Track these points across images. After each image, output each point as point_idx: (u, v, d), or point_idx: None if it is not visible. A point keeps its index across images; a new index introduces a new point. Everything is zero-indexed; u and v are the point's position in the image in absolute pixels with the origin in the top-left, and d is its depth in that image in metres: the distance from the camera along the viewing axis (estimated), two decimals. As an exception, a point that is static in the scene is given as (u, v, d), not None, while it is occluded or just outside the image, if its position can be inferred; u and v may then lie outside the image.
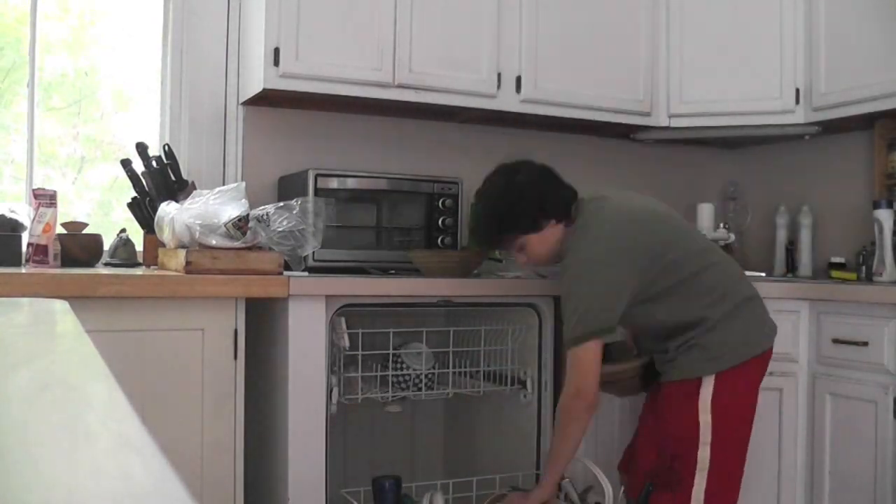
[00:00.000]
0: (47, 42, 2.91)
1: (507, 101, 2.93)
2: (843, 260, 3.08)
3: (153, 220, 2.42)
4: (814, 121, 3.02)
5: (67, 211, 2.80)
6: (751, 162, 3.66)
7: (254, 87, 2.72)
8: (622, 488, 2.39)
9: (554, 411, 2.58)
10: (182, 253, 2.18)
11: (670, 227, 2.22)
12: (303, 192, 2.58)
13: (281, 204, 2.34)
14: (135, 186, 2.63)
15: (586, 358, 2.07)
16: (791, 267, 3.30)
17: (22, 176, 2.80)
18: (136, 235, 2.66)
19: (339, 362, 2.38)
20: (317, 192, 2.60)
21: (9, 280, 1.97)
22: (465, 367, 2.59)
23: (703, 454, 2.09)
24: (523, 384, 2.58)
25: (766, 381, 2.56)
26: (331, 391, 2.29)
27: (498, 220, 2.22)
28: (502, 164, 2.29)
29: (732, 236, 3.29)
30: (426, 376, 2.50)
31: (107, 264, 2.58)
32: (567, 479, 2.25)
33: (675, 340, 2.14)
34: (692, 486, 2.09)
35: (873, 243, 2.88)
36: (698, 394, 2.09)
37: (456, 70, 2.83)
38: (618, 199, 2.25)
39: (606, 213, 2.18)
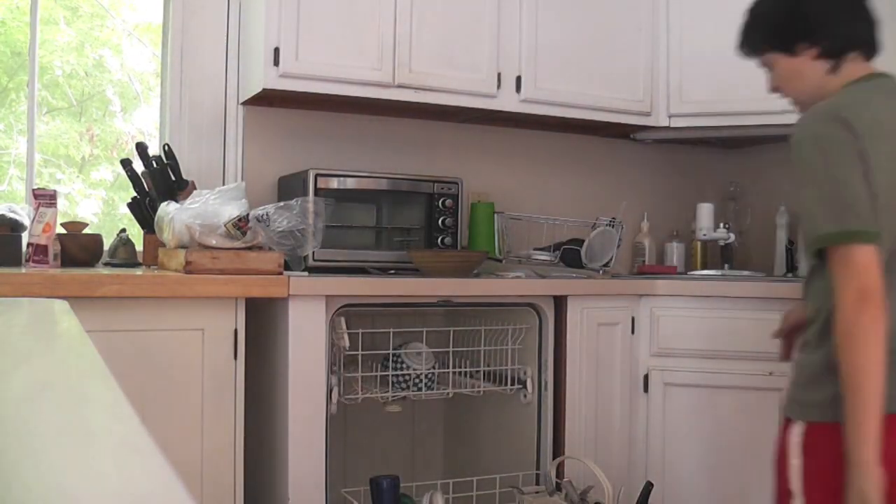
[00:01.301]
0: (54, 44, 2.92)
1: (507, 101, 2.93)
2: (843, 260, 3.07)
3: (153, 220, 2.42)
4: (814, 121, 3.02)
5: (72, 210, 2.80)
6: (751, 162, 3.66)
7: (254, 87, 2.72)
8: (621, 489, 2.39)
9: (554, 410, 2.58)
10: (182, 253, 2.18)
11: None
12: (303, 192, 2.58)
13: (281, 204, 2.34)
14: (135, 186, 2.63)
15: (857, 259, 1.48)
16: (791, 267, 3.30)
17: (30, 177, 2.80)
18: (137, 235, 2.67)
19: (339, 362, 2.38)
20: (317, 192, 2.60)
21: (9, 280, 1.97)
22: (465, 367, 2.59)
23: None
24: (523, 384, 2.58)
25: (767, 381, 2.56)
26: (331, 391, 2.29)
27: (756, 16, 1.82)
28: None
29: (732, 236, 3.29)
30: (426, 376, 2.50)
31: (107, 264, 2.58)
32: (568, 480, 2.25)
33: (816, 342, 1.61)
34: None
35: (873, 243, 2.88)
36: (787, 440, 1.59)
37: (456, 70, 2.83)
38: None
39: (878, 100, 1.66)
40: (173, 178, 2.63)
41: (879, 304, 1.47)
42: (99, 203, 3.07)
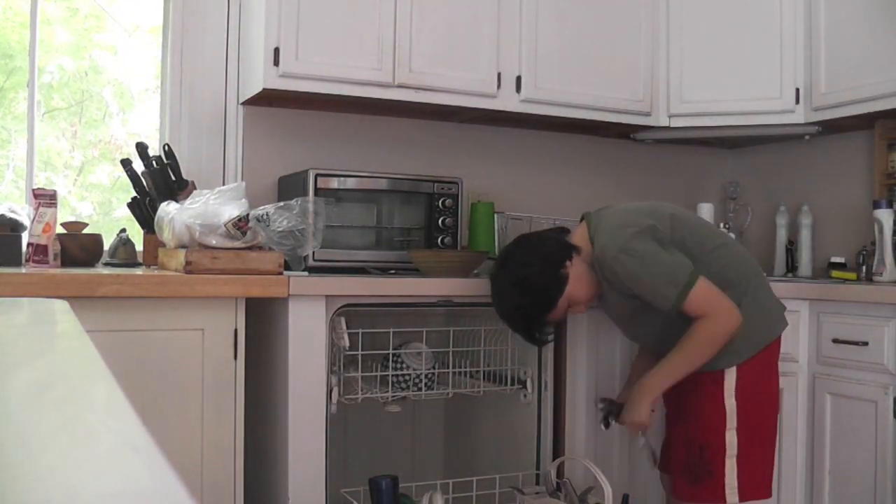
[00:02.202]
0: (51, 44, 2.91)
1: (507, 101, 2.93)
2: (843, 260, 3.08)
3: (153, 220, 2.42)
4: (814, 121, 3.03)
5: (69, 211, 2.80)
6: (751, 162, 3.66)
7: (254, 87, 2.72)
8: (623, 496, 2.40)
9: (554, 411, 2.58)
10: (182, 253, 2.18)
11: (676, 212, 2.25)
12: (303, 192, 2.58)
13: (281, 204, 2.34)
14: (135, 186, 2.63)
15: (704, 291, 2.04)
16: (791, 267, 3.30)
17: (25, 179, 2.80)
18: (137, 235, 2.67)
19: (339, 362, 2.38)
20: (317, 192, 2.60)
21: (9, 280, 1.97)
22: (465, 367, 2.59)
23: (731, 439, 2.12)
24: (523, 384, 2.58)
25: (766, 381, 2.56)
26: (331, 391, 2.29)
27: (535, 307, 2.17)
28: (489, 275, 2.29)
29: (732, 236, 3.29)
30: (426, 376, 2.50)
31: (107, 264, 2.58)
32: (567, 479, 2.25)
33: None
34: (724, 474, 2.11)
35: (873, 243, 2.88)
36: (723, 381, 2.12)
37: (456, 70, 2.83)
38: (617, 204, 2.33)
39: (614, 208, 2.24)
40: (173, 178, 2.63)
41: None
42: (93, 205, 3.06)
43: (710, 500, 2.14)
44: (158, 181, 2.60)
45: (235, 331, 2.18)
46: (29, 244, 2.41)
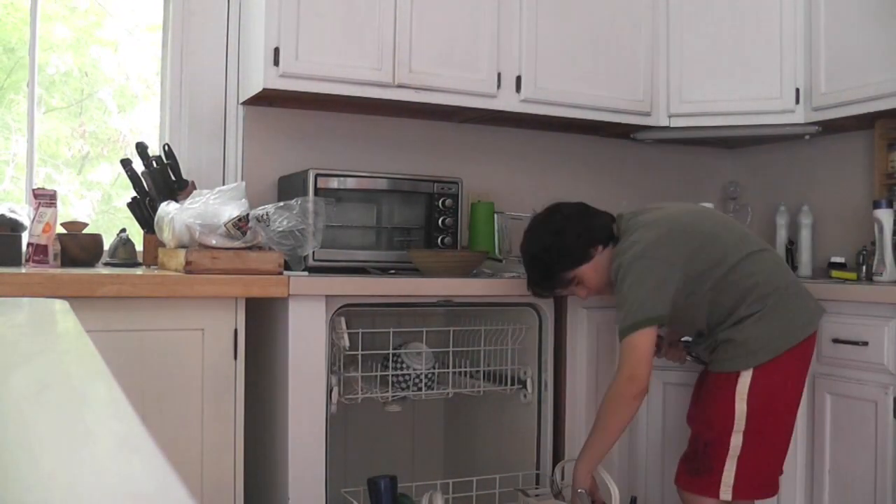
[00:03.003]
0: (51, 42, 2.91)
1: (507, 101, 2.93)
2: (843, 260, 3.07)
3: (153, 220, 2.42)
4: (814, 121, 3.02)
5: (69, 210, 2.80)
6: (751, 162, 3.66)
7: (254, 87, 2.72)
8: (631, 498, 2.44)
9: (554, 411, 2.58)
10: (182, 253, 2.18)
11: (710, 220, 2.32)
12: (303, 192, 2.58)
13: (281, 204, 2.34)
14: (135, 186, 2.63)
15: (641, 344, 2.13)
16: (791, 267, 3.30)
17: (25, 176, 2.80)
18: (137, 235, 2.67)
19: (339, 362, 2.38)
20: (317, 191, 2.60)
21: (9, 280, 1.97)
22: (465, 366, 2.59)
23: (736, 441, 2.16)
24: (523, 384, 2.58)
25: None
26: (331, 391, 2.29)
27: (549, 263, 2.28)
28: (536, 214, 2.39)
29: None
30: (426, 376, 2.50)
31: (107, 264, 2.58)
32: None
33: (715, 334, 2.22)
34: (722, 471, 2.17)
35: (873, 243, 2.88)
36: (736, 383, 2.16)
37: (456, 70, 2.83)
38: (653, 206, 2.38)
39: (645, 216, 2.29)
40: (173, 178, 2.63)
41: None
42: (93, 203, 3.06)
43: (704, 493, 2.21)
44: (158, 181, 2.60)
45: (235, 331, 2.18)
46: (29, 244, 2.41)
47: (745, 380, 2.16)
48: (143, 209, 2.61)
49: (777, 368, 2.18)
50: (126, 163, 2.63)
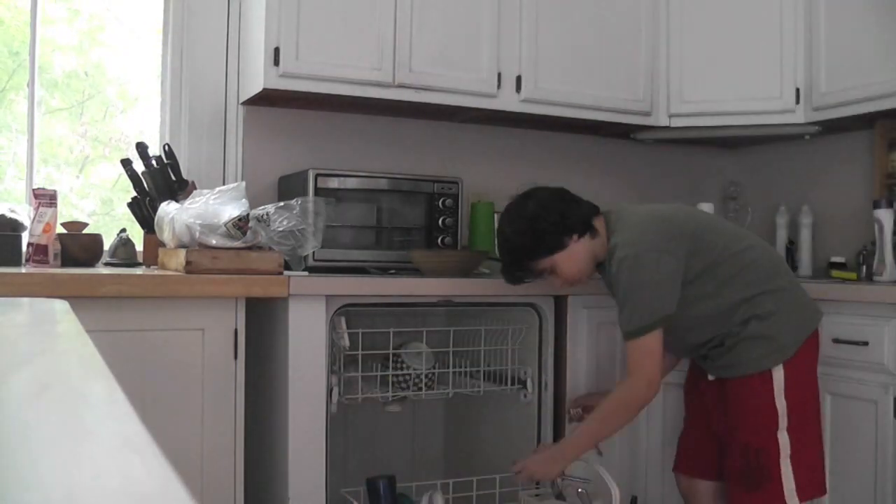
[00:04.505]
0: (53, 44, 2.91)
1: (507, 101, 2.93)
2: (843, 260, 3.07)
3: (153, 220, 2.42)
4: (814, 121, 3.02)
5: (69, 211, 2.80)
6: (751, 162, 3.66)
7: (254, 87, 2.72)
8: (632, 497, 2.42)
9: (554, 410, 2.58)
10: (182, 253, 2.18)
11: (701, 215, 2.33)
12: (303, 192, 2.58)
13: (281, 204, 2.34)
14: (135, 186, 2.63)
15: (656, 347, 2.10)
16: (791, 267, 3.29)
17: (25, 175, 2.80)
18: (137, 235, 2.67)
19: (339, 362, 2.38)
20: (317, 191, 2.60)
21: (9, 280, 1.97)
22: (466, 366, 2.59)
23: (784, 439, 2.10)
24: (523, 384, 2.58)
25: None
26: (331, 391, 2.29)
27: (522, 248, 2.22)
28: (514, 196, 2.29)
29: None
30: (426, 376, 2.50)
31: (107, 264, 2.58)
32: (582, 490, 2.25)
33: (733, 333, 2.15)
34: (780, 476, 2.09)
35: (873, 243, 2.88)
36: (772, 381, 2.11)
37: (456, 70, 2.83)
38: (640, 205, 2.36)
39: (641, 210, 2.26)
40: (173, 178, 2.63)
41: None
42: (95, 203, 3.06)
43: None
44: (159, 181, 2.60)
45: (235, 331, 2.18)
46: (29, 244, 2.41)
47: (778, 375, 2.11)
48: (143, 209, 2.61)
49: (802, 359, 2.15)
50: (126, 163, 2.63)
